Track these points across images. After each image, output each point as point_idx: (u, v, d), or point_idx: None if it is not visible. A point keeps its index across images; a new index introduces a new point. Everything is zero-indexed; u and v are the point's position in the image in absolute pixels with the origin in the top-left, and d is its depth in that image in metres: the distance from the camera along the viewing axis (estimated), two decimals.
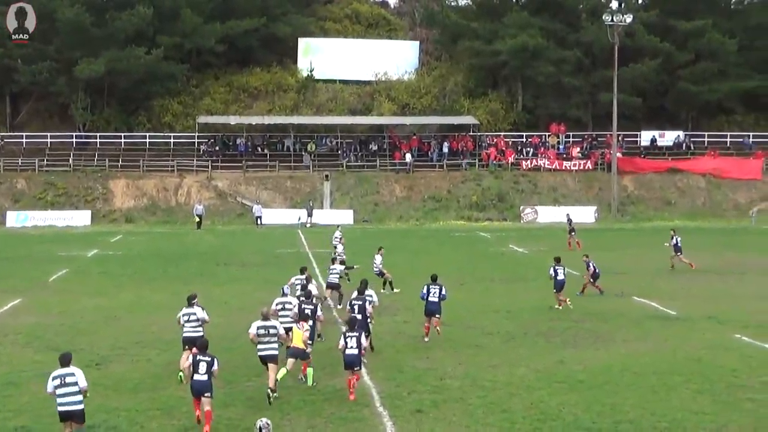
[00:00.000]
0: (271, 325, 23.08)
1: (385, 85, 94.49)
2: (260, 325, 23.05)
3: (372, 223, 77.15)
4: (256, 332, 22.95)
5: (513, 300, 37.90)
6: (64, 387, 18.30)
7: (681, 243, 48.16)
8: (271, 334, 22.96)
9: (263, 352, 22.93)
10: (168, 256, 54.18)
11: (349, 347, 22.67)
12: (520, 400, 22.40)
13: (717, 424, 20.45)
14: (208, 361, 20.04)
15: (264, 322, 23.11)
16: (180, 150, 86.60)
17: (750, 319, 33.27)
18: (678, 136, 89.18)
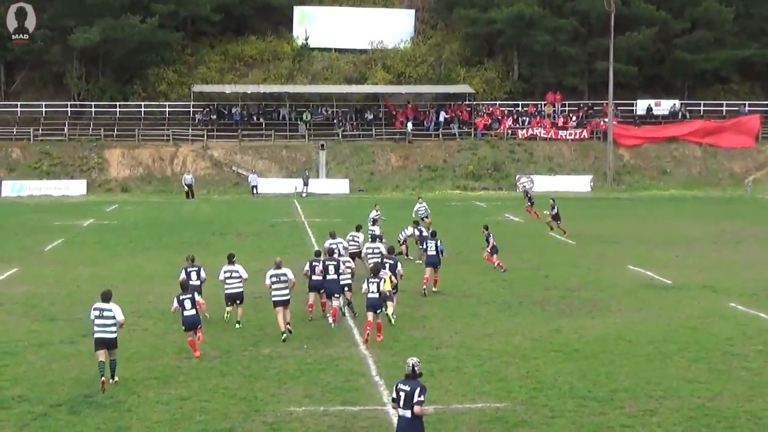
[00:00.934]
0: (281, 273, 25.78)
1: (380, 54, 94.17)
2: (272, 273, 25.82)
3: (368, 193, 77.11)
4: (270, 281, 25.75)
5: (508, 269, 37.93)
6: (101, 318, 21.17)
7: (559, 211, 48.78)
8: (282, 281, 25.66)
9: (276, 297, 25.61)
10: (163, 226, 54.14)
11: (370, 292, 24.87)
12: (516, 369, 22.46)
13: (712, 392, 20.53)
14: (190, 297, 23.50)
15: (276, 270, 25.83)
16: (175, 119, 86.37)
17: (745, 288, 33.36)
18: (674, 104, 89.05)
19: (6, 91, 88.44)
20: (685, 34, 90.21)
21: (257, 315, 28.88)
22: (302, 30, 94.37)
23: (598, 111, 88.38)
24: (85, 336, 25.91)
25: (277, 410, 19.47)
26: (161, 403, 19.88)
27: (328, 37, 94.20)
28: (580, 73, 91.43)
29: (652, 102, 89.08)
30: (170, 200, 72.31)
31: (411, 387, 14.96)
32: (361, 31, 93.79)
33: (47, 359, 23.53)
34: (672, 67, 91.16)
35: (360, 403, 19.99)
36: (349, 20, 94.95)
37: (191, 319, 23.27)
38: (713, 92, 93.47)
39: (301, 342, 25.23)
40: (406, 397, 14.87)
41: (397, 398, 15.07)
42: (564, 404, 19.71)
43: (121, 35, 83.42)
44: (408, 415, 14.86)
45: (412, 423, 14.84)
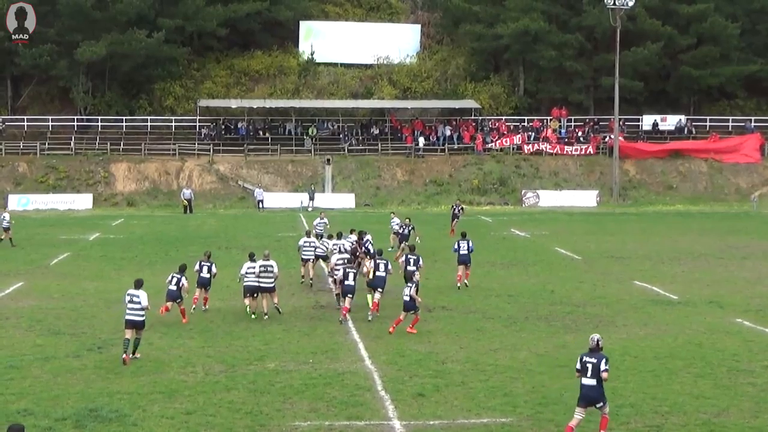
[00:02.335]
0: (269, 264, 30.57)
1: (386, 69, 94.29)
2: (262, 264, 30.56)
3: (373, 207, 77.12)
4: (259, 269, 30.42)
5: (514, 284, 37.94)
6: (131, 303, 24.81)
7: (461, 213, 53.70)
8: (269, 271, 30.47)
9: (264, 285, 30.42)
10: (169, 240, 54.19)
11: (379, 270, 30.59)
12: (521, 384, 22.44)
13: (718, 408, 20.49)
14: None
15: (265, 261, 30.60)
16: (181, 134, 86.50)
17: (751, 304, 33.32)
18: (680, 120, 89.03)
19: (13, 106, 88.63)
20: (691, 50, 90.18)
21: (263, 329, 28.90)
22: (308, 45, 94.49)
23: (603, 126, 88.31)
24: (90, 350, 26.01)
25: (282, 425, 19.46)
26: (166, 417, 19.87)
27: (334, 52, 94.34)
28: (585, 88, 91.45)
29: (657, 117, 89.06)
30: (176, 214, 72.39)
31: (597, 359, 17.93)
32: (366, 46, 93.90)
33: (52, 373, 23.53)
34: (678, 82, 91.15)
35: (365, 417, 19.97)
36: (354, 35, 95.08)
37: (171, 293, 29.56)
38: (719, 108, 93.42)
39: (306, 357, 25.23)
40: (593, 368, 17.88)
41: (584, 369, 18.05)
42: (570, 420, 19.66)
43: (128, 50, 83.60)
44: (593, 383, 17.93)
45: (598, 389, 17.98)
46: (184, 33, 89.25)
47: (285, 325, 29.58)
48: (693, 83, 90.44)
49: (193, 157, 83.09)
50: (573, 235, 55.20)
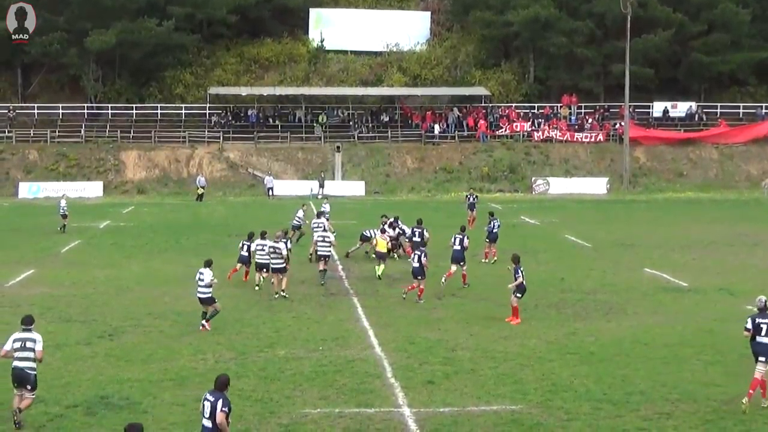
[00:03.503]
0: (278, 246, 32.01)
1: (396, 56, 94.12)
2: (271, 245, 32.39)
3: (383, 195, 77.08)
4: (268, 250, 32.46)
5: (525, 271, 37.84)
6: (199, 281, 27.24)
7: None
8: (277, 253, 31.91)
9: (273, 264, 32.14)
10: (179, 228, 54.25)
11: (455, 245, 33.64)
12: (531, 371, 22.45)
13: (728, 395, 20.46)
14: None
15: (274, 243, 32.31)
16: (191, 121, 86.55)
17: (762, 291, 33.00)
18: (690, 107, 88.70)
19: (23, 94, 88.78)
20: (702, 37, 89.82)
21: (273, 316, 28.95)
22: (318, 32, 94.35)
23: (614, 113, 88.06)
24: (101, 337, 26.10)
25: (292, 412, 19.50)
26: (177, 405, 19.92)
27: (344, 39, 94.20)
28: (595, 75, 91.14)
29: (668, 104, 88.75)
30: (186, 202, 72.45)
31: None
32: (376, 34, 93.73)
33: (63, 360, 23.60)
34: (688, 69, 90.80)
35: (375, 405, 20.01)
36: (364, 22, 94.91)
37: (242, 258, 34.79)
38: (730, 94, 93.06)
39: (316, 344, 25.27)
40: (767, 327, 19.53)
41: (758, 329, 19.68)
42: (579, 407, 19.68)
43: (138, 38, 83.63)
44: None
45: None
46: (193, 21, 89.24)
47: (295, 312, 29.63)
48: (704, 70, 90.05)
49: (203, 144, 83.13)
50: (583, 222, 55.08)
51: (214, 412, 14.94)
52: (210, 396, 15.19)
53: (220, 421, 14.93)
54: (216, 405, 14.97)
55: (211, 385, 20.57)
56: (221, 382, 15.39)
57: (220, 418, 14.94)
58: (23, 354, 18.72)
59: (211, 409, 15.01)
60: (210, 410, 15.01)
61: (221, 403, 14.97)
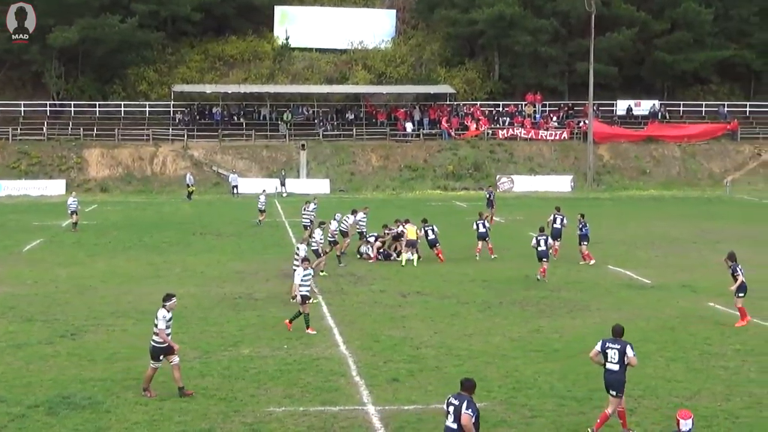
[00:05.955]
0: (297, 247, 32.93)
1: (361, 54, 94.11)
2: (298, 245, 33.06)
3: (348, 193, 77.04)
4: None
5: (489, 269, 38.04)
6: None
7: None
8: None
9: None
10: (143, 226, 53.97)
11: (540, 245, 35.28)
12: (495, 369, 22.52)
13: (690, 391, 20.63)
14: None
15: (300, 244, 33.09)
16: (155, 119, 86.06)
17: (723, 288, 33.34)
18: (653, 105, 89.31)
19: None
20: (665, 35, 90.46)
21: (237, 315, 28.86)
22: (283, 30, 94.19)
23: (578, 111, 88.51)
24: (63, 337, 25.91)
25: (257, 410, 19.46)
26: (140, 404, 19.83)
27: (309, 37, 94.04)
28: (560, 73, 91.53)
29: (632, 102, 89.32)
30: (150, 200, 72.04)
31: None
32: (341, 31, 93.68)
33: (25, 360, 23.42)
34: (652, 67, 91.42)
35: (340, 403, 20.01)
36: (329, 20, 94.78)
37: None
38: (693, 93, 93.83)
39: (281, 342, 25.22)
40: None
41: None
42: (543, 404, 19.77)
43: (101, 35, 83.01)
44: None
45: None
46: (158, 18, 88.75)
47: (259, 311, 29.56)
48: (667, 68, 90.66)
49: (167, 142, 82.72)
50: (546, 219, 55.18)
51: (459, 414, 14.93)
52: (454, 399, 15.14)
53: (465, 423, 14.90)
54: (461, 408, 14.93)
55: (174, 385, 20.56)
56: (468, 385, 15.30)
57: (465, 420, 14.90)
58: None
59: (455, 412, 14.99)
60: (455, 413, 14.99)
61: (466, 405, 14.93)
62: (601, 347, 18.14)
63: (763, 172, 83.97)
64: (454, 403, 15.08)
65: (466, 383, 15.35)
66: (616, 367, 17.89)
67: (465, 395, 15.16)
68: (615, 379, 17.88)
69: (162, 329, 20.31)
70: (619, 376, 17.87)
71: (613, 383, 17.89)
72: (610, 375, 17.96)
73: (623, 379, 17.92)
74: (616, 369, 17.89)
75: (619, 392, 17.89)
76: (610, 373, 17.97)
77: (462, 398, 15.10)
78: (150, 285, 34.12)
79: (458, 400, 15.07)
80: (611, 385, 17.93)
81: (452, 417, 15.03)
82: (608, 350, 18.01)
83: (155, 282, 34.89)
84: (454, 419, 15.01)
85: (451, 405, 15.11)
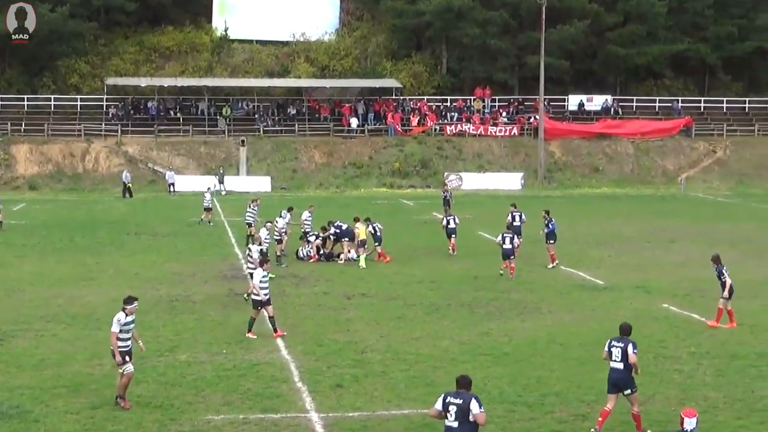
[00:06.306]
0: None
1: (303, 46, 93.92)
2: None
3: (290, 191, 76.84)
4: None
5: (436, 270, 38.08)
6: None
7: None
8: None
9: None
10: (74, 226, 53.41)
11: (506, 243, 36.15)
12: (444, 374, 22.52)
13: (644, 395, 20.73)
14: None
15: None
16: (87, 113, 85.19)
17: (678, 288, 33.82)
18: (606, 100, 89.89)
19: None
20: (618, 28, 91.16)
21: (174, 319, 28.66)
22: (222, 20, 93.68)
23: (529, 107, 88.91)
24: None
25: (194, 419, 19.33)
26: (71, 413, 19.61)
27: (249, 28, 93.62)
28: (510, 67, 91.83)
29: (584, 98, 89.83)
30: (82, 199, 71.36)
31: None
32: (283, 22, 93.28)
33: None
34: (604, 61, 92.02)
35: (281, 410, 19.92)
36: (270, 10, 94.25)
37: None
38: (646, 87, 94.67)
39: (219, 347, 25.08)
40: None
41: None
42: (493, 410, 19.77)
43: None
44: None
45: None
46: (90, 7, 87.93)
47: (197, 314, 29.37)
48: (620, 62, 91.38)
49: (100, 138, 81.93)
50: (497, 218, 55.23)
51: (464, 413, 14.91)
52: (455, 398, 15.09)
53: (483, 422, 14.98)
54: (467, 406, 14.91)
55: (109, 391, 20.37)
56: (464, 382, 15.31)
57: (483, 418, 14.95)
58: None
59: (459, 411, 14.94)
60: (458, 412, 14.95)
61: (477, 403, 14.93)
62: (608, 346, 18.87)
63: (718, 170, 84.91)
64: (457, 402, 15.05)
65: (462, 380, 15.39)
66: (620, 366, 18.61)
67: (466, 393, 15.18)
68: (620, 377, 18.60)
69: (114, 332, 20.19)
70: (623, 374, 18.55)
71: (618, 382, 18.60)
72: (616, 374, 18.65)
73: (629, 377, 18.56)
74: (620, 368, 18.61)
75: (632, 388, 18.61)
76: (615, 372, 18.67)
77: (466, 396, 15.09)
78: (81, 287, 33.80)
79: (461, 399, 15.05)
80: (618, 384, 18.60)
81: (453, 416, 15.01)
82: (613, 348, 18.74)
83: (87, 284, 34.57)
84: (455, 418, 14.99)
85: (451, 405, 15.07)
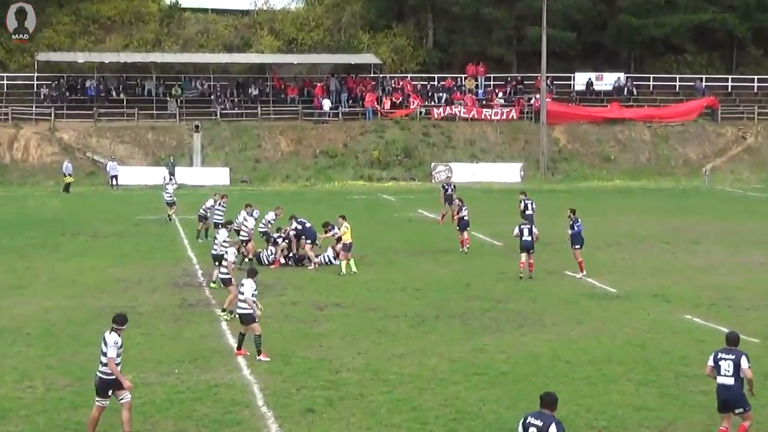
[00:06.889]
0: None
1: (267, 16, 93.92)
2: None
3: (252, 184, 76.72)
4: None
5: (422, 275, 38.08)
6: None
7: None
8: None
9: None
10: (1, 225, 53.24)
11: (525, 235, 37.00)
12: (432, 396, 22.54)
13: (664, 421, 20.82)
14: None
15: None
16: (15, 94, 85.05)
17: (702, 297, 33.88)
18: (618, 78, 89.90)
19: None
20: None
21: None
22: None
23: (529, 86, 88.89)
24: None
25: None
26: None
27: None
28: (507, 40, 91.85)
29: (592, 75, 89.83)
30: (10, 193, 71.09)
31: None
32: None
33: None
34: (616, 34, 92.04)
35: None
36: None
37: None
38: (664, 64, 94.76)
39: (171, 366, 25.03)
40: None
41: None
42: None
43: None
44: None
45: None
46: None
47: (144, 327, 29.25)
48: (633, 35, 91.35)
49: (30, 123, 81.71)
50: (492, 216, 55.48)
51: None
52: (535, 419, 15.19)
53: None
54: (547, 429, 14.97)
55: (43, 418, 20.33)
56: (549, 401, 15.44)
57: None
58: None
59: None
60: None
61: (556, 427, 14.98)
62: (714, 360, 18.80)
63: (748, 159, 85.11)
64: (537, 424, 15.19)
65: (547, 398, 15.51)
66: (730, 381, 18.52)
67: (548, 414, 15.29)
68: (731, 395, 18.54)
69: (112, 357, 19.70)
70: (735, 391, 18.46)
71: (728, 400, 18.56)
72: (725, 391, 18.61)
73: (741, 394, 18.47)
74: (731, 384, 18.52)
75: (745, 407, 18.52)
76: (724, 388, 18.63)
77: (547, 419, 15.20)
78: (10, 296, 33.68)
79: (541, 421, 15.16)
80: (728, 403, 18.59)
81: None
82: (721, 362, 18.66)
83: (17, 293, 34.45)
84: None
85: (531, 426, 15.21)
